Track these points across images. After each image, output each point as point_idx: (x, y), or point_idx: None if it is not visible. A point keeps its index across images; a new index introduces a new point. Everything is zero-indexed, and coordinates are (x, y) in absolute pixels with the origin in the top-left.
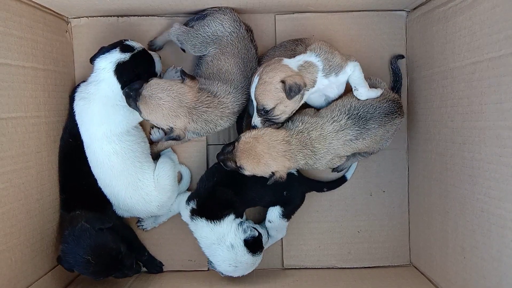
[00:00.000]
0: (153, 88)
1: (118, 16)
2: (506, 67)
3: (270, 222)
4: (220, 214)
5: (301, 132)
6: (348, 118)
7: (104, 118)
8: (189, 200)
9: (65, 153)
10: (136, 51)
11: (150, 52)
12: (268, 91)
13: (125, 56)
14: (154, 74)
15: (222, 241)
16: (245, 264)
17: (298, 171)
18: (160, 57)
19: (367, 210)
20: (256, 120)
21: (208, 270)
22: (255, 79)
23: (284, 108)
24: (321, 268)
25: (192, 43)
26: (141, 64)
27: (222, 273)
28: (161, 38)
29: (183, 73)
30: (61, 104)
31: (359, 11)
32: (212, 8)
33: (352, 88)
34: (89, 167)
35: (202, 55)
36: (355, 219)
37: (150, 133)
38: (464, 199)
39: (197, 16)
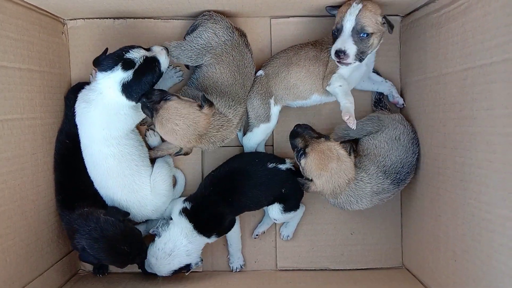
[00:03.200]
0: (171, 112)
1: (114, 18)
2: (497, 74)
3: (276, 220)
4: (204, 231)
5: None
6: (392, 181)
7: (104, 123)
8: (186, 199)
9: (62, 155)
10: (137, 65)
11: (155, 48)
12: (372, 17)
13: (128, 75)
14: (157, 79)
15: (180, 242)
16: (158, 266)
17: (295, 166)
18: (167, 51)
19: (360, 213)
20: (349, 45)
21: (202, 271)
22: (355, 4)
23: (373, 41)
24: (315, 269)
25: (187, 56)
26: (145, 77)
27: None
28: None
29: (204, 99)
30: (57, 105)
31: None
32: (202, 16)
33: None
34: (86, 168)
35: (199, 64)
36: (348, 221)
37: (145, 136)
38: (455, 203)
39: (190, 27)
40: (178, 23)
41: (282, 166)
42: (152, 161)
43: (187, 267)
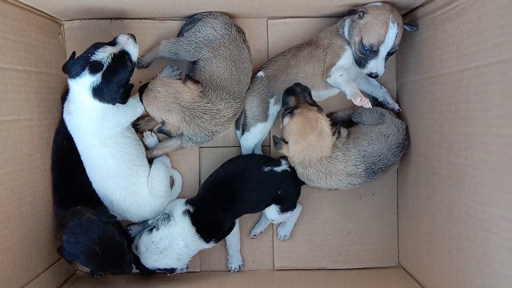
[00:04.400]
0: (156, 82)
1: (111, 18)
2: (492, 75)
3: (273, 221)
4: (205, 236)
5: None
6: (366, 169)
7: (94, 129)
8: (188, 202)
9: (59, 155)
10: (105, 67)
11: (121, 39)
12: (401, 33)
13: (97, 79)
14: (131, 71)
15: (176, 243)
16: (146, 257)
17: (291, 167)
18: (134, 38)
19: (357, 213)
20: (382, 68)
21: (199, 271)
22: (392, 25)
23: None
24: (312, 269)
25: (186, 50)
26: (115, 77)
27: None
28: (150, 56)
29: (188, 77)
30: (54, 106)
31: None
32: (202, 13)
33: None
34: (84, 169)
35: (196, 59)
36: (345, 221)
37: (143, 137)
38: (451, 203)
39: (189, 21)
40: (175, 24)
41: (278, 169)
42: (150, 161)
43: (172, 270)
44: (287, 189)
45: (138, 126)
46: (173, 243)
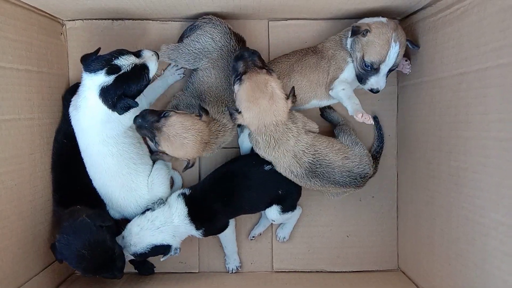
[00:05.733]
0: (177, 127)
1: (113, 19)
2: (492, 79)
3: (274, 221)
4: (196, 220)
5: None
6: (311, 163)
7: (97, 128)
8: (186, 187)
9: (60, 154)
10: (122, 72)
11: (145, 53)
12: (403, 51)
13: (109, 80)
14: (144, 87)
15: (170, 220)
16: (139, 237)
17: None
18: (157, 57)
19: (356, 216)
20: (383, 83)
21: (198, 272)
22: (394, 44)
23: None
24: (311, 271)
25: (185, 59)
26: (125, 85)
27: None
28: None
29: (201, 108)
30: (55, 106)
31: (351, 18)
32: (202, 19)
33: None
34: (84, 168)
35: (195, 68)
36: (344, 224)
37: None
38: (450, 207)
39: (189, 27)
40: (176, 24)
41: None
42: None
43: (168, 248)
44: (287, 189)
45: None
46: (168, 219)
